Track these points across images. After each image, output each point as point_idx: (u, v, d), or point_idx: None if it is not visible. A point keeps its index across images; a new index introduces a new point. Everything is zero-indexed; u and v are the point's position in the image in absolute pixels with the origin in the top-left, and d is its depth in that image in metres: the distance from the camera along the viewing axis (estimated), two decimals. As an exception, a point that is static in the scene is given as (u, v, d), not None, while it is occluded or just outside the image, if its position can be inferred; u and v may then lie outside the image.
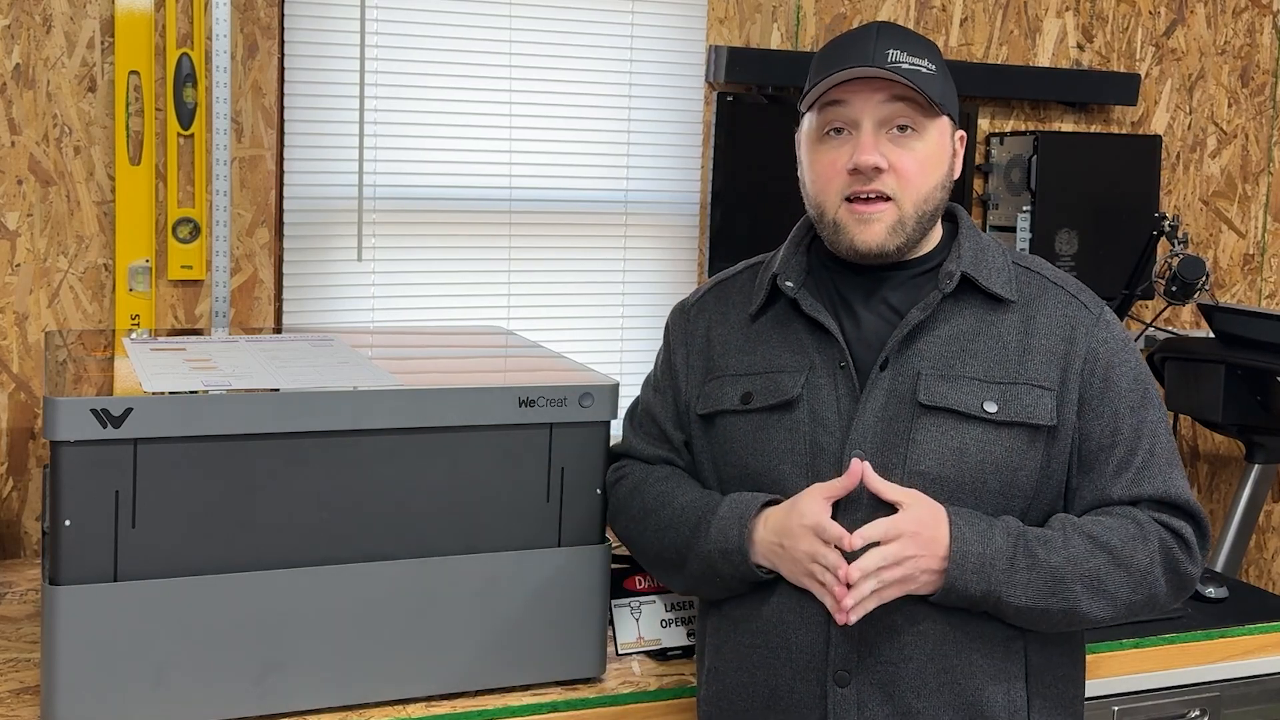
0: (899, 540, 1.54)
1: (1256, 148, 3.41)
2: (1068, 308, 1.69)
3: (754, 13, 2.89)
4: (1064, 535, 1.61)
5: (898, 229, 1.65)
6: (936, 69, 1.66)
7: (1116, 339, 1.69)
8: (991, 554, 1.56)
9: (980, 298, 1.68)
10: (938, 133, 1.67)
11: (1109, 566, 1.60)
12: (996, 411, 1.62)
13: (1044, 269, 1.74)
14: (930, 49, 1.69)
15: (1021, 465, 1.63)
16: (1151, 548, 1.63)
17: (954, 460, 1.61)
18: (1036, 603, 1.58)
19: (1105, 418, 1.66)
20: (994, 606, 1.59)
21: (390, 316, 2.68)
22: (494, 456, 1.80)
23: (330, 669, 1.75)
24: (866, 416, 1.64)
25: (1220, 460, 3.45)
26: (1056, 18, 3.16)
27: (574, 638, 1.87)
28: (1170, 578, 1.65)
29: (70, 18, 2.36)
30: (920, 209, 1.66)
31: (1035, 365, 1.65)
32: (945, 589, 1.57)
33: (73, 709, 1.64)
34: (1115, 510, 1.65)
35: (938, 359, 1.65)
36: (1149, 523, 1.64)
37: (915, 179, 1.64)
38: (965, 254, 1.68)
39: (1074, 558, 1.59)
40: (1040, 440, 1.64)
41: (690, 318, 1.84)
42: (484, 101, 2.70)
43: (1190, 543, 1.66)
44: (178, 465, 1.65)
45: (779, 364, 1.71)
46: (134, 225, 2.42)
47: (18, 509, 2.43)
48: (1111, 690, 2.16)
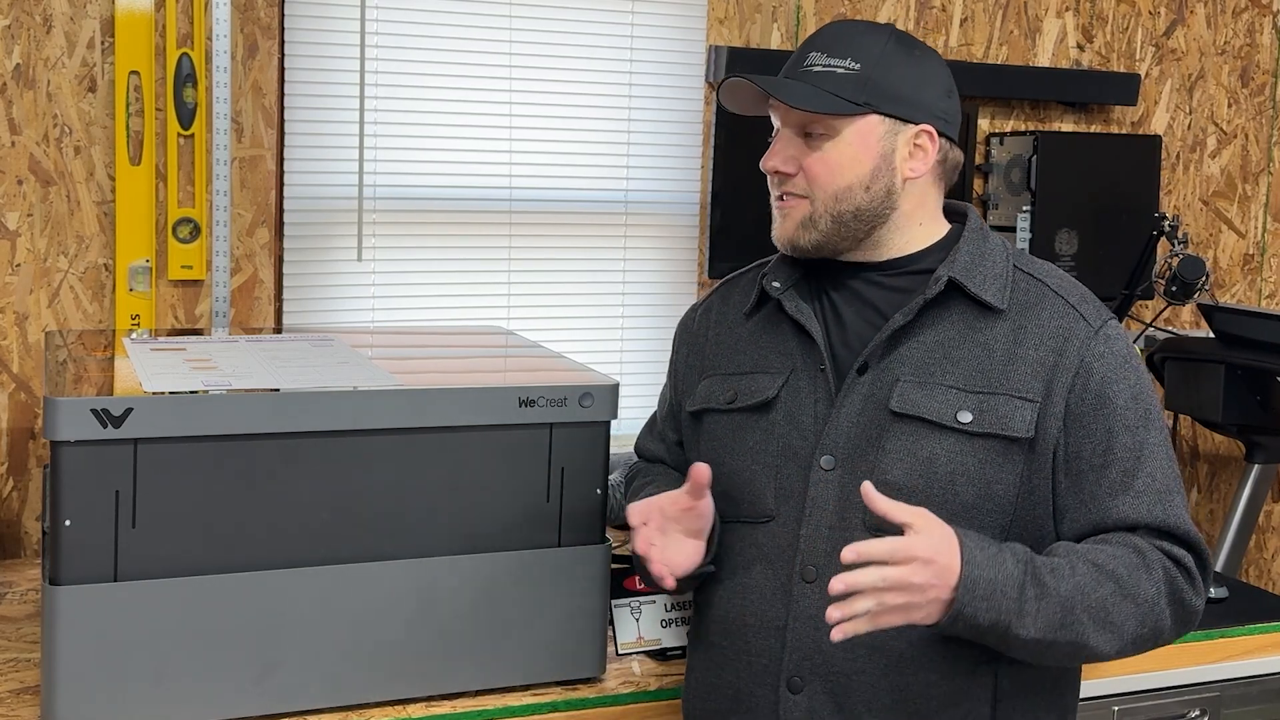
0: (910, 565, 1.42)
1: (1256, 148, 3.41)
2: (1064, 318, 1.61)
3: (754, 13, 2.89)
4: (1070, 563, 1.51)
5: (807, 224, 1.65)
6: (862, 66, 1.62)
7: (1116, 354, 1.60)
8: (1002, 581, 1.46)
9: (970, 304, 1.62)
10: (856, 133, 1.62)
11: (1116, 597, 1.51)
12: (971, 421, 1.56)
13: (1049, 277, 1.66)
14: (869, 44, 1.64)
15: (997, 478, 1.56)
16: (1156, 578, 1.54)
17: (923, 470, 1.56)
18: (1045, 635, 1.48)
19: (1098, 435, 1.57)
20: (1001, 639, 1.48)
21: (390, 316, 2.68)
22: (494, 456, 1.80)
23: (330, 669, 1.75)
24: (840, 422, 1.60)
25: (1220, 460, 3.45)
26: (1056, 18, 3.16)
27: (574, 638, 1.87)
28: (1175, 611, 1.56)
29: (70, 18, 2.36)
30: (835, 207, 1.63)
31: (1019, 376, 1.58)
32: (953, 616, 1.44)
33: (73, 709, 1.64)
34: (1114, 538, 1.56)
35: (919, 365, 1.60)
36: (1151, 551, 1.55)
37: (822, 179, 1.63)
38: (960, 258, 1.63)
39: (1082, 587, 1.50)
40: (1018, 453, 1.56)
41: (696, 318, 1.85)
42: (484, 101, 2.70)
43: (1194, 574, 1.57)
44: (178, 465, 1.65)
45: (763, 365, 1.70)
46: (134, 225, 2.42)
47: (18, 509, 2.43)
48: (1111, 690, 2.16)
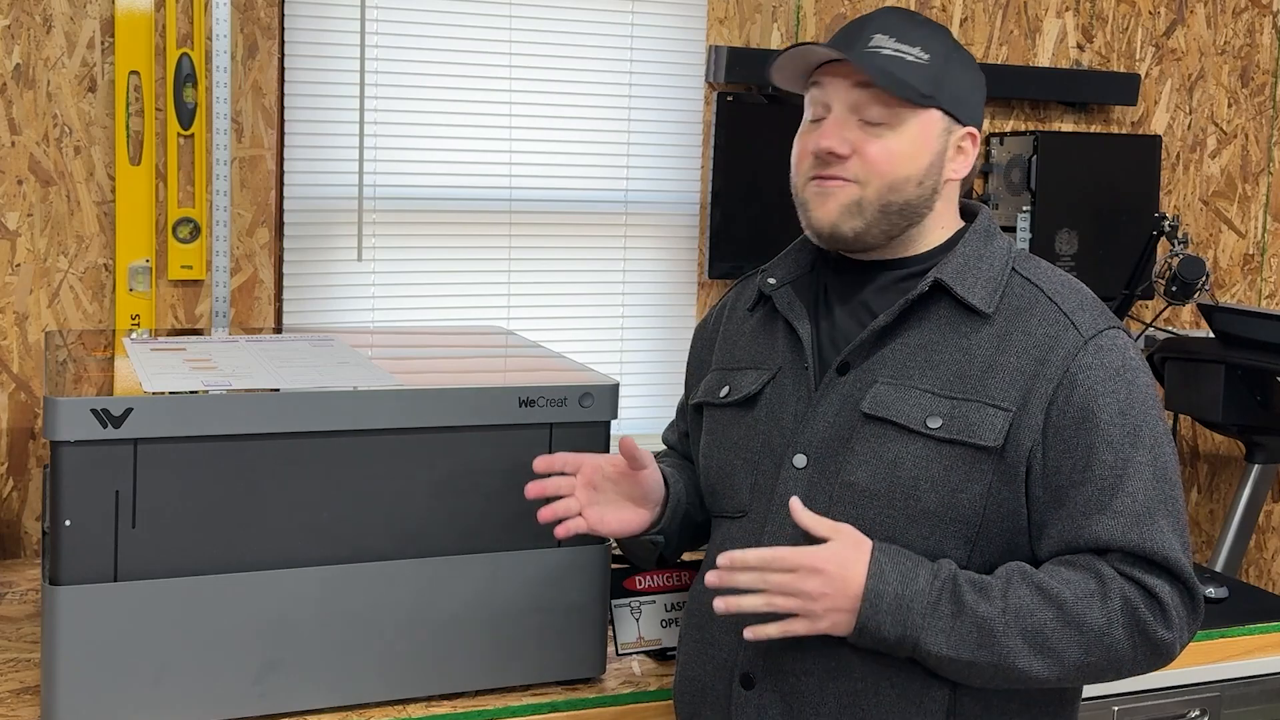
0: (797, 572, 1.46)
1: (1256, 148, 3.41)
2: (1053, 326, 1.54)
3: (754, 13, 2.88)
4: (1006, 584, 1.47)
5: (854, 210, 1.57)
6: (931, 58, 1.56)
7: (1106, 366, 1.52)
8: (910, 595, 1.45)
9: (957, 307, 1.57)
10: (919, 126, 1.57)
11: (1055, 624, 1.46)
12: (939, 427, 1.51)
13: (1048, 282, 1.60)
14: (933, 36, 1.59)
15: (962, 487, 1.51)
16: (1112, 606, 1.46)
17: (886, 474, 1.52)
18: (960, 653, 1.46)
19: (1078, 451, 1.50)
20: (913, 651, 1.47)
21: (390, 316, 2.68)
22: (494, 456, 1.80)
23: (330, 669, 1.75)
24: (816, 421, 1.59)
25: (1220, 460, 3.45)
26: (1056, 18, 3.16)
27: (574, 638, 1.87)
28: (1136, 640, 1.48)
29: (70, 18, 2.36)
30: (887, 198, 1.56)
31: (997, 383, 1.52)
32: (859, 629, 1.46)
33: (73, 709, 1.64)
34: (1080, 561, 1.50)
35: (898, 367, 1.56)
36: (1113, 578, 1.47)
37: (882, 166, 1.56)
38: (954, 259, 1.58)
39: (1014, 609, 1.46)
40: (986, 463, 1.51)
41: (713, 314, 1.87)
42: (484, 101, 2.70)
43: (1164, 604, 1.47)
44: (178, 465, 1.65)
45: (756, 361, 1.70)
46: (134, 225, 2.42)
47: (18, 509, 2.43)
48: (1111, 690, 2.16)
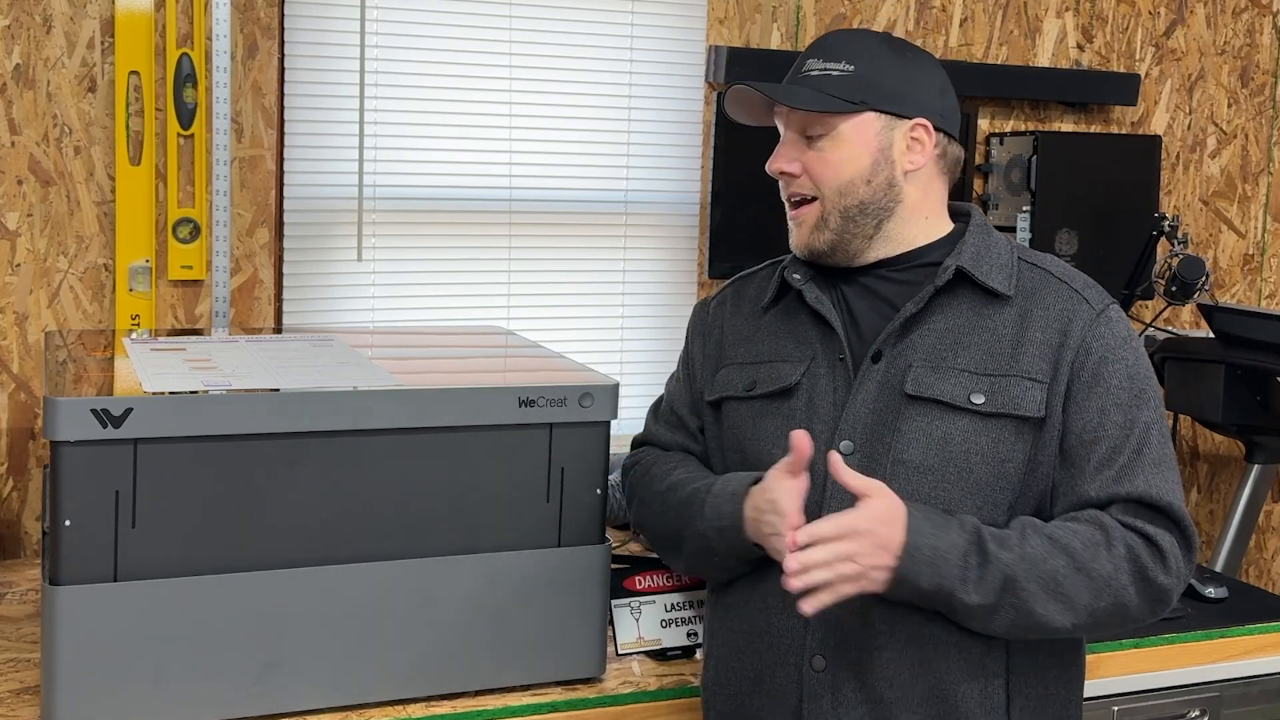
0: (849, 539, 1.52)
1: (1256, 148, 3.41)
2: (1068, 302, 1.69)
3: (754, 13, 2.89)
4: (1021, 535, 1.58)
5: (820, 225, 1.72)
6: (856, 67, 1.69)
7: (1116, 336, 1.68)
8: (945, 548, 1.55)
9: (977, 292, 1.69)
10: (853, 130, 1.70)
11: (1068, 570, 1.57)
12: (984, 403, 1.63)
13: (1052, 266, 1.74)
14: (861, 45, 1.72)
15: (1010, 456, 1.63)
16: (1117, 554, 1.58)
17: (938, 450, 1.63)
18: (988, 599, 1.55)
19: (1090, 413, 1.63)
20: (945, 603, 1.57)
21: (390, 316, 2.68)
22: (494, 456, 1.80)
23: (330, 669, 1.75)
24: (857, 406, 1.67)
25: (1220, 460, 3.45)
26: (1056, 18, 3.16)
27: (574, 638, 1.87)
28: (1140, 587, 1.59)
29: (70, 18, 2.36)
30: (842, 203, 1.70)
31: (1028, 358, 1.65)
32: (897, 581, 1.54)
33: (73, 709, 1.64)
34: (1085, 515, 1.61)
35: (930, 351, 1.67)
36: (1116, 528, 1.59)
37: (825, 176, 1.71)
38: (967, 250, 1.71)
39: (1030, 557, 1.56)
40: (1028, 432, 1.63)
41: (710, 311, 1.90)
42: (484, 101, 2.70)
43: (1164, 551, 1.60)
44: (178, 465, 1.65)
45: (783, 354, 1.76)
46: (134, 225, 2.42)
47: (18, 509, 2.43)
48: (1111, 690, 2.16)
